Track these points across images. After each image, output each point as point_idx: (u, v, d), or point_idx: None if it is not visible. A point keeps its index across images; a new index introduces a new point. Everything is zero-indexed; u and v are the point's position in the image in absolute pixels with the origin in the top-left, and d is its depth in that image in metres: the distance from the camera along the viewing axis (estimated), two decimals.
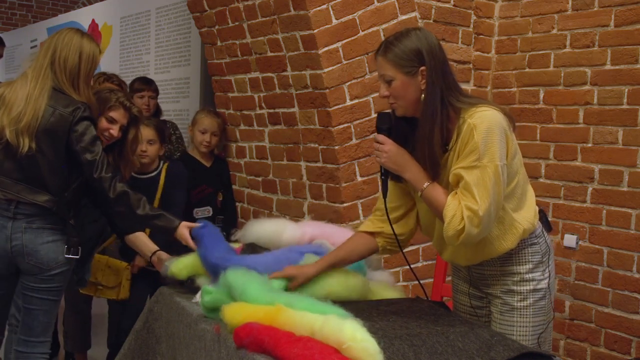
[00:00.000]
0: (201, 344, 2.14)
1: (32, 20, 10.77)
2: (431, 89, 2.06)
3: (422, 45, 2.07)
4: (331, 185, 3.45)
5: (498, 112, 2.04)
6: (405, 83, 2.08)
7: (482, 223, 1.98)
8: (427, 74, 2.05)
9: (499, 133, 2.00)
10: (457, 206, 2.00)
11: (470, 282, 2.32)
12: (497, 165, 1.98)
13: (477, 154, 1.98)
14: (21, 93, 2.70)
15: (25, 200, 2.70)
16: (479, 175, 1.98)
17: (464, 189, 2.00)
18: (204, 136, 3.93)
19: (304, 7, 3.25)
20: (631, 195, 3.28)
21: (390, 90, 2.11)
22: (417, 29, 2.15)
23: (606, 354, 3.39)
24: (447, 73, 2.10)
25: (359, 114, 3.39)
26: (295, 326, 1.79)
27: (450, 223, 2.00)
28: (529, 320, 2.18)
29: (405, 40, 2.08)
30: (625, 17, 3.28)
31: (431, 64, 2.06)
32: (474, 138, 1.99)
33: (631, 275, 3.29)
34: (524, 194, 2.17)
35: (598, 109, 3.41)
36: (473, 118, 2.01)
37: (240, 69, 3.87)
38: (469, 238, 2.01)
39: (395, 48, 2.08)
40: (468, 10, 3.76)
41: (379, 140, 2.14)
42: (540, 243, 2.20)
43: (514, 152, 2.09)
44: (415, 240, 2.57)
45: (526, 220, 2.15)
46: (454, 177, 2.04)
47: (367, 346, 1.64)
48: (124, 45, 6.98)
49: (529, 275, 2.18)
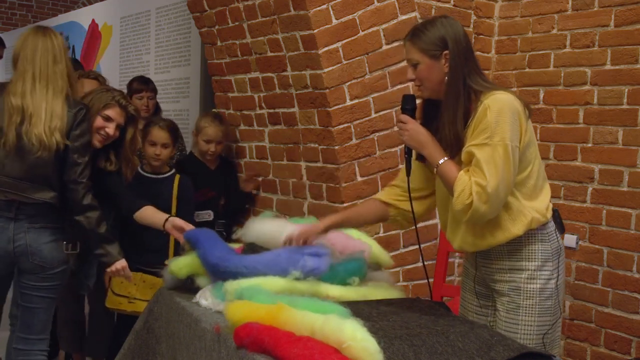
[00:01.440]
0: (201, 344, 2.14)
1: (32, 20, 10.77)
2: (454, 72, 2.17)
3: (446, 32, 2.18)
4: (331, 185, 3.45)
5: (515, 97, 2.14)
6: (429, 66, 2.19)
7: (490, 200, 2.05)
8: (450, 58, 2.16)
9: (511, 115, 2.08)
10: (467, 181, 2.07)
11: (478, 280, 2.34)
12: (507, 144, 2.06)
13: (489, 132, 2.07)
14: (39, 99, 2.76)
15: (29, 199, 2.74)
16: (490, 153, 2.06)
17: (474, 165, 2.08)
18: (208, 145, 3.85)
19: (304, 7, 3.25)
20: (631, 195, 3.28)
21: (417, 74, 2.22)
22: (444, 17, 2.27)
23: (606, 354, 3.39)
24: (470, 59, 2.20)
25: (359, 114, 3.39)
26: (296, 325, 1.79)
27: (459, 197, 2.08)
28: (535, 320, 2.19)
29: (432, 27, 2.20)
30: (625, 17, 3.28)
31: (454, 49, 2.17)
32: (486, 117, 2.08)
33: (631, 275, 3.29)
34: (538, 188, 2.22)
35: (598, 109, 3.41)
36: (488, 99, 2.11)
37: (240, 69, 3.87)
38: (476, 214, 2.07)
39: (422, 34, 2.20)
40: (468, 10, 3.76)
41: (402, 119, 2.26)
42: (551, 241, 2.22)
43: (528, 140, 2.15)
44: (415, 240, 2.57)
45: (536, 211, 2.18)
46: (466, 155, 2.12)
47: (367, 346, 1.64)
48: (124, 45, 6.98)
49: (538, 273, 2.19)
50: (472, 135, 2.11)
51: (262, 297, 2.01)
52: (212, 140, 3.84)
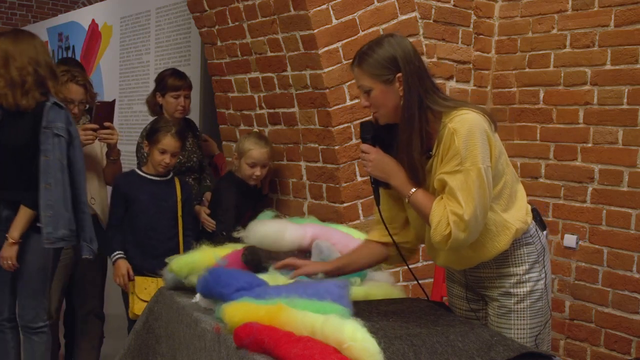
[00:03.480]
0: (201, 344, 2.14)
1: (32, 20, 10.77)
2: (408, 94, 2.05)
3: (396, 52, 2.06)
4: (331, 185, 3.45)
5: (478, 114, 2.03)
6: (383, 92, 2.08)
7: (468, 227, 1.97)
8: (403, 80, 2.05)
9: (480, 135, 1.99)
10: (442, 211, 2.00)
11: (466, 285, 2.31)
12: (479, 168, 1.97)
13: (459, 158, 1.98)
14: None
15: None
16: (463, 180, 1.97)
17: (448, 194, 2.00)
18: (253, 170, 3.53)
19: (304, 7, 3.25)
20: (631, 195, 3.28)
21: (370, 100, 2.11)
22: (390, 36, 2.14)
23: (606, 354, 3.38)
24: (425, 77, 2.09)
25: (359, 114, 3.39)
26: (296, 325, 1.79)
27: (437, 229, 2.00)
28: (527, 322, 2.17)
29: (379, 49, 2.08)
30: (625, 17, 3.28)
31: (407, 70, 2.06)
32: (455, 143, 1.98)
33: (631, 275, 3.29)
34: (513, 194, 2.16)
35: (598, 109, 3.41)
36: (453, 122, 2.01)
37: (240, 69, 3.87)
38: (456, 243, 2.00)
39: (369, 58, 2.08)
40: (468, 10, 3.76)
41: (364, 149, 2.16)
42: (535, 242, 2.19)
43: (498, 153, 2.07)
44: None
45: (518, 220, 2.14)
46: (438, 183, 2.04)
47: (367, 346, 1.64)
48: (124, 45, 6.97)
49: (526, 276, 2.16)
50: (443, 163, 2.02)
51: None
52: (258, 163, 3.54)
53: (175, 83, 3.80)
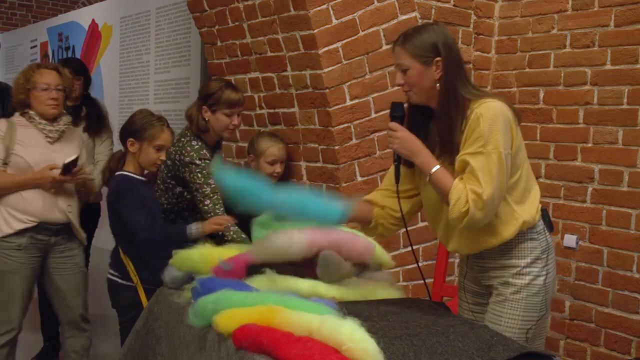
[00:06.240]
0: (201, 344, 2.14)
1: (32, 20, 10.77)
2: (447, 79, 2.17)
3: (438, 39, 2.18)
4: (331, 185, 3.45)
5: (504, 104, 2.16)
6: (420, 72, 2.19)
7: (485, 207, 2.07)
8: (442, 65, 2.17)
9: (504, 123, 2.11)
10: (462, 189, 2.09)
11: (472, 278, 2.38)
12: (500, 152, 2.08)
13: (483, 141, 2.08)
14: None
15: None
16: (484, 161, 2.07)
17: (469, 173, 2.09)
18: (273, 167, 3.48)
19: (304, 7, 3.25)
20: (631, 195, 3.28)
21: (405, 79, 2.22)
22: (435, 24, 2.29)
23: (606, 354, 3.39)
24: (461, 67, 2.22)
25: (359, 114, 3.39)
26: (292, 327, 1.78)
27: (456, 205, 2.09)
28: (519, 314, 2.22)
29: (424, 33, 2.20)
30: (625, 17, 3.28)
31: (447, 57, 2.17)
32: (479, 126, 2.09)
33: (631, 275, 3.29)
34: (527, 190, 2.24)
35: (598, 109, 3.41)
36: (480, 108, 2.12)
37: (240, 69, 3.87)
38: (472, 221, 2.09)
39: (413, 39, 2.20)
40: (468, 10, 3.76)
41: (392, 127, 2.25)
42: (540, 239, 2.26)
43: (518, 146, 2.18)
44: (415, 240, 2.57)
45: (527, 213, 2.22)
46: (460, 164, 2.13)
47: (366, 347, 1.63)
48: (124, 45, 6.98)
49: (527, 270, 2.23)
50: (466, 144, 2.12)
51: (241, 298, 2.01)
52: (277, 160, 3.49)
53: (231, 98, 3.25)
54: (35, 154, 3.20)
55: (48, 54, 8.99)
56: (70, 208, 3.30)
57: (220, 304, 2.02)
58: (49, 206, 3.21)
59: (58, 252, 3.30)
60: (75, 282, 3.38)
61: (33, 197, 3.18)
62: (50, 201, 3.21)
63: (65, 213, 3.27)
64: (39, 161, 3.20)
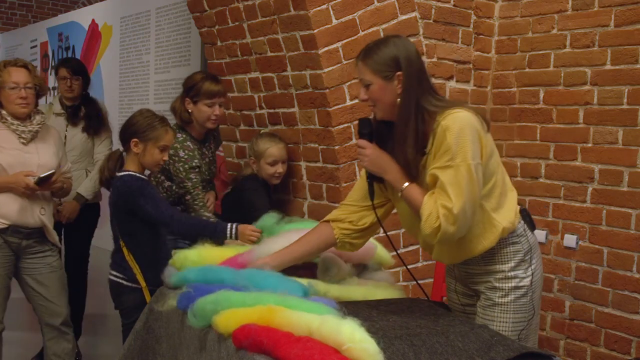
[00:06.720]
0: (201, 344, 2.14)
1: (32, 20, 10.78)
2: (406, 93, 2.15)
3: (399, 53, 2.17)
4: (331, 185, 3.45)
5: (470, 113, 2.13)
6: (382, 87, 2.17)
7: (457, 221, 2.06)
8: (402, 79, 2.15)
9: (471, 133, 2.08)
10: (433, 205, 2.08)
11: (460, 280, 2.38)
12: (469, 164, 2.06)
13: (450, 154, 2.06)
14: None
15: None
16: (453, 174, 2.06)
17: (439, 188, 2.09)
18: (275, 167, 3.48)
19: (304, 7, 3.25)
20: (631, 195, 3.28)
21: (369, 94, 2.21)
22: (396, 37, 2.27)
23: (606, 354, 3.39)
24: (423, 80, 2.19)
25: (359, 114, 3.39)
26: (292, 327, 1.79)
27: (427, 221, 2.09)
28: (510, 316, 2.22)
29: (384, 47, 2.18)
30: (625, 17, 3.28)
31: (407, 70, 2.15)
32: (446, 139, 2.07)
33: (631, 275, 3.29)
34: (503, 194, 2.23)
35: (598, 109, 3.41)
36: (446, 120, 2.10)
37: (240, 69, 3.87)
38: (445, 236, 2.08)
39: (374, 54, 2.18)
40: (468, 10, 3.76)
41: (361, 144, 2.25)
42: (522, 242, 2.25)
43: (489, 152, 2.16)
44: (415, 240, 2.57)
45: (506, 220, 2.21)
46: (430, 178, 2.12)
47: (366, 347, 1.64)
48: (124, 45, 6.98)
49: (512, 273, 2.23)
50: (435, 158, 2.11)
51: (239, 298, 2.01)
52: (278, 160, 3.48)
53: (211, 89, 3.35)
54: (9, 157, 3.14)
55: (48, 54, 9.00)
56: (43, 211, 3.25)
57: (219, 304, 2.02)
58: (24, 210, 3.15)
59: (30, 254, 3.26)
60: (50, 283, 3.30)
61: (6, 200, 3.12)
62: (25, 205, 3.15)
63: (38, 217, 3.22)
64: (13, 163, 3.14)
